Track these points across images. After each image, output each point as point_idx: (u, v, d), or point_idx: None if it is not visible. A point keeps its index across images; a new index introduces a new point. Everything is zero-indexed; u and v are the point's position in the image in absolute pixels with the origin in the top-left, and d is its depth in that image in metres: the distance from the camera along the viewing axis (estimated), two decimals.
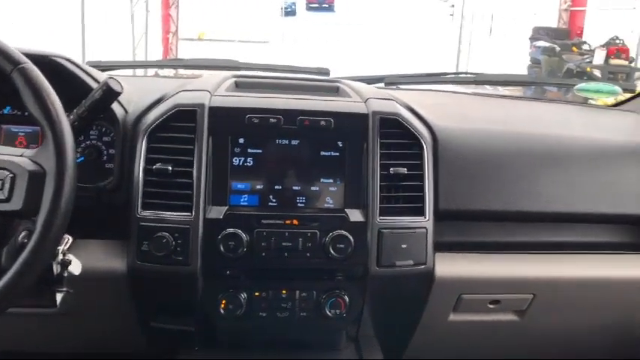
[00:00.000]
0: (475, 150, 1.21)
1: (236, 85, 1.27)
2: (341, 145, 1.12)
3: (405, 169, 1.13)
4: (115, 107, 1.12)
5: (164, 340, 1.24)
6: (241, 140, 1.10)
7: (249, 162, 1.10)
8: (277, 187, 1.11)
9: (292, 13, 13.27)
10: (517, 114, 1.53)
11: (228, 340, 1.25)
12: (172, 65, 2.21)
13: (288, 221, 1.09)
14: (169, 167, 1.07)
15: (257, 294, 1.12)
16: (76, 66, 1.12)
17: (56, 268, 0.93)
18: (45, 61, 1.05)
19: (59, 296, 0.98)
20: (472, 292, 1.24)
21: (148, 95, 1.19)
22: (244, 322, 1.14)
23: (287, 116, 1.10)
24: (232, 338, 1.24)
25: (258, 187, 1.10)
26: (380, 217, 1.10)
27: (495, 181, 1.20)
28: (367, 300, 1.16)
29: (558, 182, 1.23)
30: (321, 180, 1.11)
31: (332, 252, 1.08)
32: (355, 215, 1.10)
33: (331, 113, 1.12)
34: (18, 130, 1.18)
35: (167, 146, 1.10)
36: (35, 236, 0.79)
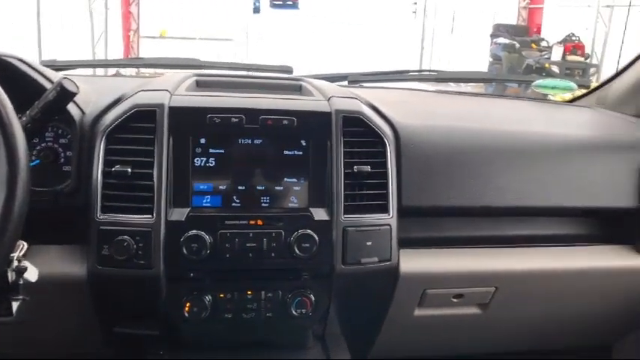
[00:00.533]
0: (437, 147, 1.22)
1: (197, 85, 1.26)
2: (304, 144, 1.11)
3: (369, 167, 1.13)
4: (71, 108, 1.08)
5: (128, 346, 1.22)
6: (203, 140, 1.08)
7: (211, 162, 1.09)
8: (241, 188, 1.09)
9: (257, 11, 13.19)
10: (479, 110, 1.56)
11: (193, 343, 1.23)
12: (132, 64, 2.17)
13: (252, 222, 1.08)
14: (129, 169, 1.05)
15: (222, 296, 1.11)
16: (29, 66, 1.08)
17: (11, 276, 0.89)
18: None
19: (15, 305, 0.94)
20: (436, 287, 1.25)
21: (106, 95, 1.16)
22: (209, 325, 1.13)
23: (249, 115, 1.09)
24: (198, 341, 1.23)
25: (221, 188, 1.09)
26: (344, 215, 1.11)
27: (458, 177, 1.22)
28: (333, 298, 1.16)
29: (519, 177, 1.25)
30: (285, 179, 1.11)
31: (297, 251, 1.07)
32: (320, 214, 1.10)
33: (294, 112, 1.11)
34: None
35: (126, 147, 1.07)
36: None
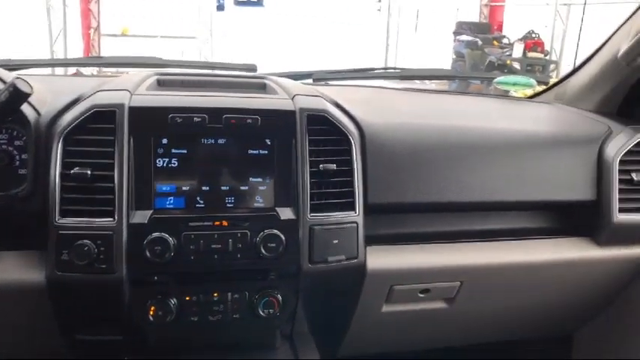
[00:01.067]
0: (402, 144, 1.23)
1: (158, 84, 1.23)
2: (269, 143, 1.10)
3: (334, 165, 1.13)
4: (26, 109, 1.05)
5: (91, 352, 1.19)
6: (165, 141, 1.06)
7: (173, 163, 1.07)
8: (205, 188, 1.08)
9: (221, 8, 13.03)
10: (442, 108, 1.58)
11: (159, 347, 1.21)
12: (92, 63, 2.11)
13: (217, 222, 1.06)
14: (88, 171, 1.02)
15: (187, 298, 1.09)
16: None
17: None
18: None
19: None
20: (403, 283, 1.26)
21: (63, 96, 1.13)
22: (175, 328, 1.11)
23: (212, 115, 1.07)
24: (163, 345, 1.21)
25: (184, 189, 1.07)
26: (311, 214, 1.10)
27: (423, 174, 1.23)
28: (300, 297, 1.16)
29: (483, 173, 1.27)
30: (250, 179, 1.09)
31: (263, 251, 1.06)
32: (286, 213, 1.09)
33: (258, 111, 1.10)
34: None
35: (85, 149, 1.04)
36: None
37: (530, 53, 10.32)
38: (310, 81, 1.57)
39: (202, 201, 1.07)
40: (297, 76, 1.50)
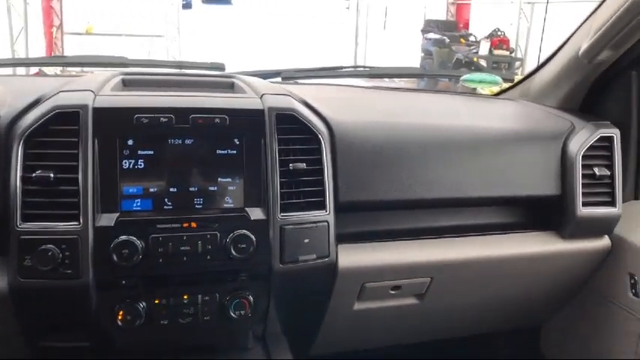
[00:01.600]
0: (372, 142, 1.23)
1: (123, 84, 1.21)
2: (238, 143, 1.09)
3: (304, 165, 1.13)
4: None
5: (57, 359, 1.16)
6: (130, 142, 1.04)
7: (140, 164, 1.04)
8: (172, 190, 1.06)
9: (188, 6, 12.87)
10: (411, 106, 1.59)
11: (128, 352, 1.18)
12: (54, 63, 2.06)
13: (185, 224, 1.05)
14: (51, 174, 0.99)
15: (157, 302, 1.07)
16: None
17: None
18: None
19: None
20: (374, 280, 1.27)
21: (24, 96, 1.09)
22: (145, 332, 1.09)
23: (179, 115, 1.06)
24: (133, 350, 1.18)
25: (151, 191, 1.05)
26: (281, 214, 1.10)
27: (392, 172, 1.24)
28: (272, 297, 1.15)
29: (451, 170, 1.28)
30: (219, 179, 1.08)
31: (233, 252, 1.05)
32: (256, 213, 1.09)
33: (225, 110, 1.09)
34: None
35: (48, 152, 1.02)
36: None
37: (496, 51, 10.52)
38: (279, 80, 1.56)
39: (170, 202, 1.06)
40: (265, 75, 1.49)
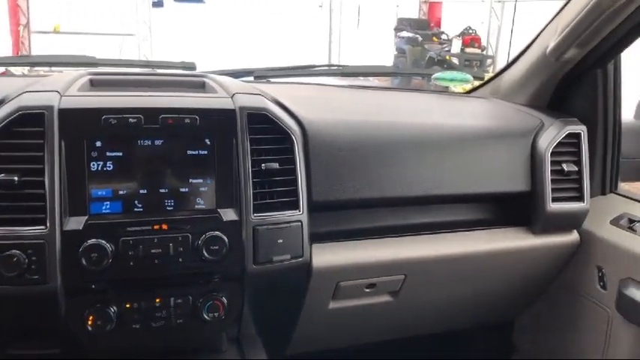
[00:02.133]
0: (345, 141, 1.23)
1: (91, 84, 1.18)
2: (209, 143, 1.08)
3: (277, 164, 1.12)
4: None
5: None
6: (98, 143, 1.02)
7: (109, 166, 1.02)
8: (143, 191, 1.04)
9: (160, 4, 12.70)
10: (384, 104, 1.60)
11: (99, 358, 1.16)
12: (19, 62, 1.99)
13: (156, 226, 1.03)
14: (16, 177, 0.96)
15: (128, 306, 1.05)
16: None
17: None
18: None
19: None
20: (349, 279, 1.27)
21: None
22: (116, 337, 1.07)
23: (148, 115, 1.04)
24: (104, 355, 1.16)
25: (121, 193, 1.03)
26: (254, 214, 1.09)
27: (365, 170, 1.24)
28: (246, 299, 1.15)
29: (423, 167, 1.29)
30: (190, 180, 1.07)
31: (206, 254, 1.04)
32: (229, 214, 1.08)
33: (196, 110, 1.07)
34: None
35: (11, 154, 0.99)
36: None
37: (468, 49, 10.66)
38: (251, 79, 1.55)
39: (141, 205, 1.04)
40: (238, 74, 1.48)
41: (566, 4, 1.35)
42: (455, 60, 10.41)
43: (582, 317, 1.50)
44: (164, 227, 1.03)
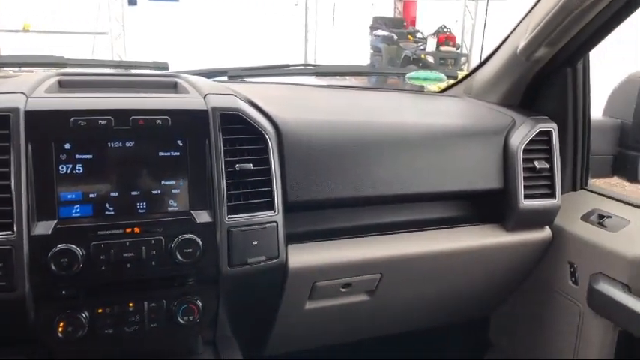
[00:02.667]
0: (319, 141, 1.23)
1: (60, 85, 1.16)
2: (181, 144, 1.06)
3: (251, 165, 1.11)
4: None
5: None
6: (67, 146, 0.99)
7: (78, 169, 1.00)
8: (114, 194, 1.02)
9: (133, 3, 12.51)
10: (359, 103, 1.60)
11: None
12: None
13: (128, 230, 1.01)
14: None
15: (100, 311, 1.03)
16: None
17: None
18: None
19: None
20: (325, 279, 1.27)
21: None
22: (89, 343, 1.05)
23: (118, 117, 1.02)
24: None
25: (91, 196, 1.01)
26: (228, 216, 1.08)
27: (340, 170, 1.24)
28: (221, 301, 1.14)
29: (398, 166, 1.30)
30: (163, 182, 1.05)
31: (179, 257, 1.03)
32: (202, 216, 1.06)
33: (167, 111, 1.06)
34: None
35: None
36: None
37: (442, 47, 10.77)
38: (225, 78, 1.54)
39: (112, 208, 1.02)
40: (211, 74, 1.46)
41: (536, 4, 1.37)
42: (430, 58, 10.51)
43: (556, 313, 1.52)
44: (136, 230, 1.02)
